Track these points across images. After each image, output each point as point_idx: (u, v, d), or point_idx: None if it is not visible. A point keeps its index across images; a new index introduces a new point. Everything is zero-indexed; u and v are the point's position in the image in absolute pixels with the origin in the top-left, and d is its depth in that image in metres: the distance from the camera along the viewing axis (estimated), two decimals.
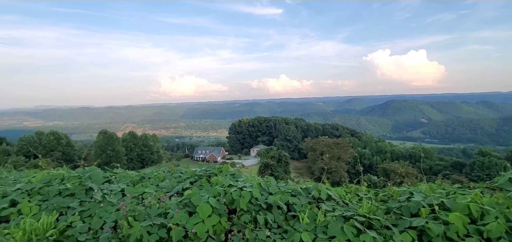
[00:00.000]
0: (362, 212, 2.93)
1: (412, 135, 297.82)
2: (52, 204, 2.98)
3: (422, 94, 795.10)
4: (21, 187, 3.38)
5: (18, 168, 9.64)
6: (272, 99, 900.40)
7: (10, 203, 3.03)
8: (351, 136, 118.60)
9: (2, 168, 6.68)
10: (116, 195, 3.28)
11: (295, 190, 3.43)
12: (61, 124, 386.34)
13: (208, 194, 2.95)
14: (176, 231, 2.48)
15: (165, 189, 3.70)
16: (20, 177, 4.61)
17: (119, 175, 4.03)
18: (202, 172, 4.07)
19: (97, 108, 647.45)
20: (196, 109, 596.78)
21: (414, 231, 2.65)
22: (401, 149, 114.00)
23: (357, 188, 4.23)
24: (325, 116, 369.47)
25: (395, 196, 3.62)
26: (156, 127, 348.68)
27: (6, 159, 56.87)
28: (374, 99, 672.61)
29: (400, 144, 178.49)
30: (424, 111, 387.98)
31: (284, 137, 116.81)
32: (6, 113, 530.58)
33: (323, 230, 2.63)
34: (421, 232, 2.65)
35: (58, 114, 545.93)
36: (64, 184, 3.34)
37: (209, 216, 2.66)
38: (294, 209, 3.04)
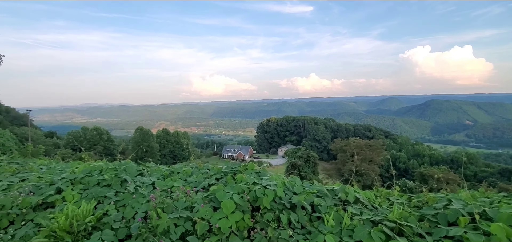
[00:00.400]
0: (392, 217, 2.77)
1: (455, 138, 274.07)
2: (91, 193, 3.24)
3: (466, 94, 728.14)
4: (66, 176, 3.73)
5: (65, 160, 10.60)
6: (301, 98, 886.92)
7: (56, 190, 3.35)
8: (385, 137, 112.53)
9: (52, 159, 7.42)
10: (147, 188, 3.47)
11: (320, 191, 3.35)
12: (103, 120, 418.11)
13: (233, 191, 2.99)
14: (201, 225, 2.56)
15: (192, 184, 3.83)
16: (66, 167, 5.09)
17: (150, 169, 4.26)
18: (227, 169, 4.14)
19: (135, 106, 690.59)
20: (225, 108, 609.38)
21: (451, 241, 2.44)
22: (442, 153, 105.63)
23: (389, 192, 4.01)
24: (356, 116, 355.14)
25: (431, 202, 3.37)
26: (187, 125, 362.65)
27: (56, 151, 63.10)
28: (411, 99, 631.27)
29: (441, 147, 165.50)
30: (469, 113, 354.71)
31: (313, 137, 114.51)
32: (57, 110, 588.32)
33: (349, 234, 2.53)
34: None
35: (101, 111, 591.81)
36: (102, 175, 3.61)
37: (232, 212, 2.70)
38: (319, 210, 2.97)
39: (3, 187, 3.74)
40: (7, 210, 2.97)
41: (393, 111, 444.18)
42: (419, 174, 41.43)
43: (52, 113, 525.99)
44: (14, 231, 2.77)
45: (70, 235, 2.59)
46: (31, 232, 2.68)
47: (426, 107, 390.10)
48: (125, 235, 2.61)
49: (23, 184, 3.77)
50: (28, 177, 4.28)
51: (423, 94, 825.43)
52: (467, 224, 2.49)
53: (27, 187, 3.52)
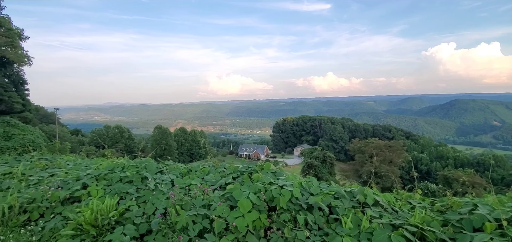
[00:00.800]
0: (414, 221, 2.68)
1: (481, 140, 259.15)
2: (115, 188, 3.38)
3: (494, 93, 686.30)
4: (90, 173, 3.91)
5: (89, 156, 11.12)
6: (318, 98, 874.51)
7: (82, 185, 3.53)
8: (406, 138, 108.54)
9: (78, 156, 7.81)
10: (167, 185, 3.58)
11: (338, 192, 3.30)
12: (124, 119, 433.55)
13: (249, 190, 3.01)
14: (218, 223, 2.60)
15: (210, 182, 3.90)
16: (91, 164, 5.34)
17: (169, 167, 4.38)
18: (244, 168, 4.18)
19: (154, 105, 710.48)
20: (241, 108, 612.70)
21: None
22: (467, 155, 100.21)
23: (410, 195, 3.88)
24: (375, 116, 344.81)
25: (455, 207, 3.23)
26: (204, 124, 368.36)
27: (81, 148, 66.29)
28: (434, 98, 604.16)
29: (466, 149, 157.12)
30: (497, 113, 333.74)
31: (330, 137, 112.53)
32: (82, 109, 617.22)
33: (368, 237, 2.48)
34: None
35: (122, 110, 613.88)
36: (125, 172, 3.76)
37: (249, 211, 2.72)
38: (337, 212, 2.93)
39: (34, 181, 3.99)
40: (37, 203, 3.17)
41: (415, 111, 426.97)
42: (443, 176, 39.62)
43: (77, 112, 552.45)
44: (43, 223, 2.94)
45: (95, 229, 2.72)
46: (59, 224, 2.84)
47: (451, 107, 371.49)
48: (146, 230, 2.70)
49: (52, 179, 4.00)
50: (57, 172, 4.53)
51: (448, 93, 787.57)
52: (493, 230, 2.37)
53: (56, 181, 3.73)
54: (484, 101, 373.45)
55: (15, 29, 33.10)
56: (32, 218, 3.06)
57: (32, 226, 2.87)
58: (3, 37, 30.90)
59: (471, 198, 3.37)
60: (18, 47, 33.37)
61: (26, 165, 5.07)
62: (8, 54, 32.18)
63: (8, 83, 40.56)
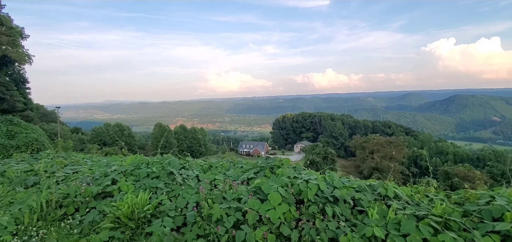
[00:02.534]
0: (436, 212, 2.82)
1: (481, 135, 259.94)
2: (144, 184, 3.51)
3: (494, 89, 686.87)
4: (116, 169, 4.03)
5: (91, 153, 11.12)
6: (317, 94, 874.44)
7: (111, 181, 3.65)
8: (406, 134, 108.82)
9: (92, 154, 7.93)
10: (193, 180, 3.70)
11: (359, 186, 3.43)
12: (124, 117, 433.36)
13: (276, 184, 3.14)
14: (251, 215, 2.73)
15: (232, 177, 4.03)
16: (111, 161, 5.46)
17: (190, 163, 4.50)
18: (264, 164, 4.30)
19: (153, 103, 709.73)
20: (240, 105, 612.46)
21: (497, 235, 2.48)
22: (467, 150, 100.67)
23: (425, 188, 4.02)
24: (375, 112, 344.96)
25: (472, 199, 3.37)
26: (203, 121, 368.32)
27: (82, 146, 66.38)
28: (434, 94, 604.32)
29: (466, 145, 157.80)
30: (497, 108, 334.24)
31: (330, 134, 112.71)
32: (81, 107, 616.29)
33: (395, 227, 2.61)
34: (505, 237, 2.46)
35: (121, 108, 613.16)
36: (150, 168, 3.88)
37: (279, 204, 2.85)
38: (361, 204, 3.06)
39: (61, 177, 4.11)
40: (72, 198, 3.29)
41: (415, 107, 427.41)
42: (443, 172, 39.90)
43: (76, 110, 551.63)
44: (81, 217, 3.07)
45: (132, 222, 2.85)
46: (97, 218, 2.97)
47: (450, 103, 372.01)
48: (181, 223, 2.83)
49: (78, 176, 4.12)
50: (80, 169, 4.65)
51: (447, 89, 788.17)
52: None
53: (84, 178, 3.86)
54: (484, 96, 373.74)
55: (16, 28, 32.99)
56: (68, 212, 3.19)
57: (70, 220, 2.99)
58: (4, 36, 30.80)
59: (487, 190, 3.50)
60: (19, 46, 33.25)
61: (47, 162, 5.19)
62: (10, 53, 32.10)
63: (10, 82, 40.53)
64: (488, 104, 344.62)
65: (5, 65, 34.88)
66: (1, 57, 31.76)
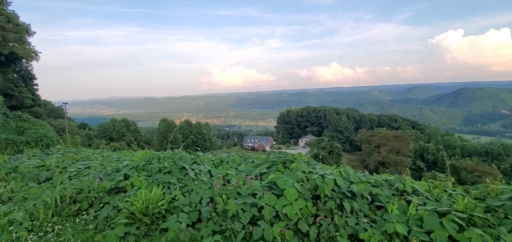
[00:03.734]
0: (458, 208, 2.72)
1: (490, 129, 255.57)
2: (157, 179, 3.48)
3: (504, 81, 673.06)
4: (128, 164, 4.01)
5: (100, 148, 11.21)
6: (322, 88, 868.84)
7: (124, 176, 3.63)
8: (412, 128, 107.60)
9: (102, 149, 7.96)
10: (205, 175, 3.66)
11: (376, 181, 3.34)
12: (129, 112, 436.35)
13: (291, 179, 3.08)
14: (268, 211, 2.67)
15: (244, 172, 3.97)
16: (122, 156, 5.45)
17: (201, 158, 4.46)
18: (276, 158, 4.23)
19: (158, 98, 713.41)
20: (245, 99, 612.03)
21: None
22: (475, 144, 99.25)
23: (443, 183, 3.92)
24: (381, 106, 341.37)
25: (493, 194, 3.26)
26: (208, 116, 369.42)
27: (89, 142, 67.24)
28: (441, 87, 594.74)
29: (474, 138, 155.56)
30: (506, 101, 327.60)
31: (335, 128, 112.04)
32: (88, 103, 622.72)
33: (417, 223, 2.53)
34: None
35: (127, 104, 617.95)
36: (162, 163, 3.85)
37: (295, 199, 2.79)
38: (379, 200, 2.98)
39: (73, 173, 4.11)
40: (85, 193, 3.27)
41: (421, 101, 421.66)
42: (451, 165, 39.32)
43: (83, 106, 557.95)
44: (95, 212, 3.05)
45: (147, 217, 2.82)
46: (112, 213, 2.94)
47: (458, 96, 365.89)
48: (196, 219, 2.79)
49: (90, 171, 4.11)
50: (91, 164, 4.65)
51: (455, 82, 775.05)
52: None
53: (96, 173, 3.84)
54: (492, 89, 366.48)
55: (23, 25, 33.22)
56: (82, 208, 3.18)
57: (84, 216, 2.98)
58: (11, 33, 31.08)
59: (509, 185, 3.38)
60: (25, 42, 33.52)
61: (59, 158, 5.20)
62: (17, 50, 32.42)
63: (18, 78, 40.98)
64: (497, 97, 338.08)
65: (13, 62, 35.25)
66: (9, 54, 32.08)
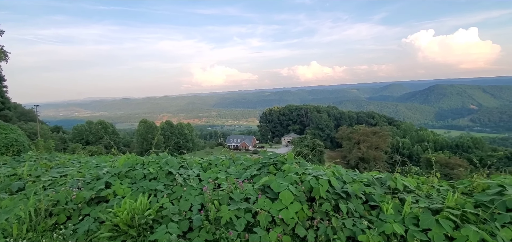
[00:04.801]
0: (449, 204, 2.76)
1: (459, 123, 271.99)
2: (141, 186, 3.25)
3: (471, 78, 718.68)
4: (109, 171, 3.74)
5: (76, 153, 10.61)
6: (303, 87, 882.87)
7: (105, 184, 3.37)
8: (389, 124, 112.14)
9: (78, 154, 7.48)
10: (194, 180, 3.48)
11: (368, 180, 3.34)
12: (106, 114, 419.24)
13: (285, 181, 2.98)
14: (264, 216, 2.56)
15: (234, 175, 3.83)
16: (102, 161, 5.11)
17: (188, 161, 4.26)
18: (266, 160, 4.13)
19: (137, 99, 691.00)
20: (227, 99, 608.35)
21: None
22: (446, 138, 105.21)
23: (428, 179, 3.99)
24: (359, 103, 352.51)
25: (480, 188, 3.35)
26: (189, 116, 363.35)
27: (64, 146, 63.70)
28: (414, 84, 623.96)
29: (445, 132, 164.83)
30: (474, 97, 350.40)
31: (316, 125, 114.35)
32: (61, 105, 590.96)
33: (413, 222, 2.52)
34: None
35: (103, 105, 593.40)
36: (147, 169, 3.62)
37: (291, 203, 2.70)
38: (373, 199, 2.96)
39: (48, 182, 3.77)
40: (62, 205, 2.99)
41: (396, 98, 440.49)
42: (426, 159, 41.40)
43: (56, 108, 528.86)
44: (74, 226, 2.79)
45: (132, 229, 2.61)
46: (93, 226, 2.70)
47: (430, 93, 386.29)
48: (187, 228, 2.62)
49: (67, 179, 3.79)
50: (67, 172, 4.31)
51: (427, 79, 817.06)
52: None
53: (73, 182, 3.54)
54: (461, 86, 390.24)
55: None
56: (59, 221, 2.90)
57: (62, 230, 2.71)
58: None
59: (496, 179, 3.49)
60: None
61: (31, 165, 4.79)
62: None
63: None
64: (465, 93, 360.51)
65: None
66: None
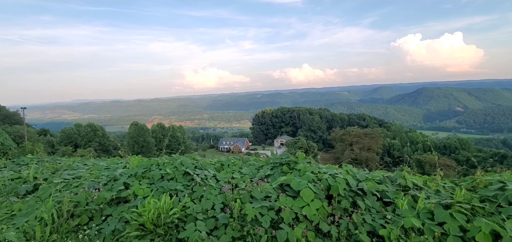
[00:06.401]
0: (459, 199, 2.93)
1: (446, 125, 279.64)
2: (162, 186, 3.30)
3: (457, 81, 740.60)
4: (124, 172, 3.77)
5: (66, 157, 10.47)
6: (295, 89, 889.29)
7: (123, 185, 3.40)
8: (379, 126, 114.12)
9: (82, 157, 7.40)
10: (211, 179, 3.55)
11: (379, 178, 3.48)
12: (96, 117, 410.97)
13: (304, 180, 3.10)
14: (288, 213, 2.66)
15: (248, 175, 3.92)
16: (111, 163, 5.10)
17: (202, 162, 4.32)
18: (278, 160, 4.24)
19: (127, 101, 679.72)
20: (219, 101, 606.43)
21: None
22: (434, 139, 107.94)
23: (433, 178, 4.17)
24: (350, 106, 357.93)
25: (482, 185, 3.55)
26: (181, 119, 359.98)
27: (52, 150, 62.04)
28: (403, 87, 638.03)
29: (432, 134, 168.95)
30: (460, 99, 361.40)
31: (308, 127, 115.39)
32: (47, 107, 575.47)
33: (427, 217, 2.68)
34: None
35: (93, 107, 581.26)
36: (163, 170, 3.67)
37: (312, 200, 2.81)
38: (386, 196, 3.11)
39: (61, 184, 3.77)
40: (83, 206, 3.02)
41: (386, 100, 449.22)
42: (416, 160, 42.38)
43: (42, 110, 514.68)
44: (97, 226, 2.82)
45: (159, 228, 2.67)
46: (119, 226, 2.74)
47: (418, 95, 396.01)
48: (213, 226, 2.70)
49: (81, 181, 3.80)
50: (80, 174, 4.31)
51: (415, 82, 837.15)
52: None
53: (90, 183, 3.56)
54: (448, 88, 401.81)
55: None
56: (81, 222, 2.92)
57: (86, 230, 2.74)
58: None
59: (497, 175, 3.70)
60: None
61: (37, 168, 4.75)
62: None
63: None
64: (452, 95, 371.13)
65: None
66: None
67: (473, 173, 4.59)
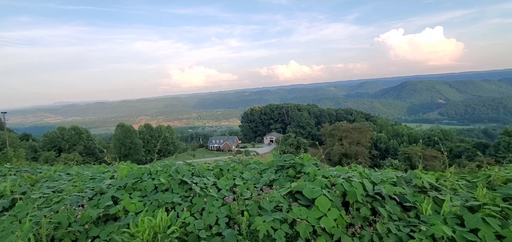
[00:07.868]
0: (486, 201, 2.71)
1: (429, 117, 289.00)
2: (156, 199, 2.91)
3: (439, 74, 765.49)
4: (112, 183, 3.34)
5: (49, 163, 9.79)
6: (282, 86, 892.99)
7: (111, 200, 2.99)
8: (366, 120, 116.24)
9: (64, 165, 6.83)
10: (212, 188, 3.19)
11: (394, 179, 3.23)
12: (80, 119, 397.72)
13: (315, 186, 2.80)
14: (304, 226, 2.35)
15: (251, 181, 3.59)
16: (96, 172, 4.64)
17: (197, 168, 3.95)
18: (281, 162, 3.92)
19: (112, 102, 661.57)
20: (207, 100, 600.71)
21: None
22: (418, 131, 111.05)
23: (442, 174, 3.97)
24: (337, 101, 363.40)
25: (498, 181, 3.37)
26: (169, 119, 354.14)
27: (34, 155, 59.36)
28: (387, 81, 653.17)
29: (417, 126, 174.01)
30: (442, 92, 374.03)
31: (297, 124, 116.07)
32: (29, 111, 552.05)
33: (456, 222, 2.43)
34: None
35: (76, 110, 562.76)
36: (156, 179, 3.28)
37: (328, 209, 2.51)
38: (406, 200, 2.85)
39: (41, 200, 3.31)
40: (65, 227, 2.60)
41: (371, 94, 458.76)
42: (403, 153, 43.27)
43: (24, 114, 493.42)
44: None
45: None
46: None
47: (402, 89, 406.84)
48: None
49: (63, 196, 3.35)
50: (60, 187, 3.84)
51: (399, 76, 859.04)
52: None
53: (72, 198, 3.12)
54: (430, 82, 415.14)
55: None
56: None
57: None
58: None
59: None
60: None
61: (14, 180, 4.24)
62: None
63: None
64: (434, 88, 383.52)
65: None
66: None
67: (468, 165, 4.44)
